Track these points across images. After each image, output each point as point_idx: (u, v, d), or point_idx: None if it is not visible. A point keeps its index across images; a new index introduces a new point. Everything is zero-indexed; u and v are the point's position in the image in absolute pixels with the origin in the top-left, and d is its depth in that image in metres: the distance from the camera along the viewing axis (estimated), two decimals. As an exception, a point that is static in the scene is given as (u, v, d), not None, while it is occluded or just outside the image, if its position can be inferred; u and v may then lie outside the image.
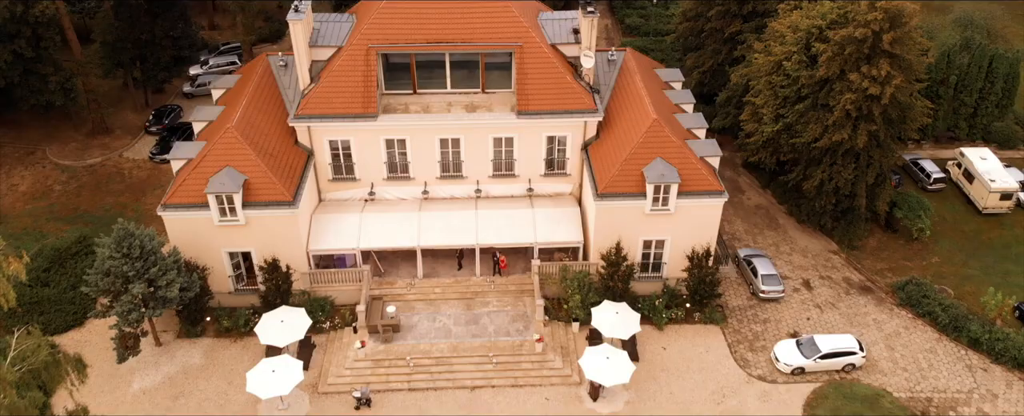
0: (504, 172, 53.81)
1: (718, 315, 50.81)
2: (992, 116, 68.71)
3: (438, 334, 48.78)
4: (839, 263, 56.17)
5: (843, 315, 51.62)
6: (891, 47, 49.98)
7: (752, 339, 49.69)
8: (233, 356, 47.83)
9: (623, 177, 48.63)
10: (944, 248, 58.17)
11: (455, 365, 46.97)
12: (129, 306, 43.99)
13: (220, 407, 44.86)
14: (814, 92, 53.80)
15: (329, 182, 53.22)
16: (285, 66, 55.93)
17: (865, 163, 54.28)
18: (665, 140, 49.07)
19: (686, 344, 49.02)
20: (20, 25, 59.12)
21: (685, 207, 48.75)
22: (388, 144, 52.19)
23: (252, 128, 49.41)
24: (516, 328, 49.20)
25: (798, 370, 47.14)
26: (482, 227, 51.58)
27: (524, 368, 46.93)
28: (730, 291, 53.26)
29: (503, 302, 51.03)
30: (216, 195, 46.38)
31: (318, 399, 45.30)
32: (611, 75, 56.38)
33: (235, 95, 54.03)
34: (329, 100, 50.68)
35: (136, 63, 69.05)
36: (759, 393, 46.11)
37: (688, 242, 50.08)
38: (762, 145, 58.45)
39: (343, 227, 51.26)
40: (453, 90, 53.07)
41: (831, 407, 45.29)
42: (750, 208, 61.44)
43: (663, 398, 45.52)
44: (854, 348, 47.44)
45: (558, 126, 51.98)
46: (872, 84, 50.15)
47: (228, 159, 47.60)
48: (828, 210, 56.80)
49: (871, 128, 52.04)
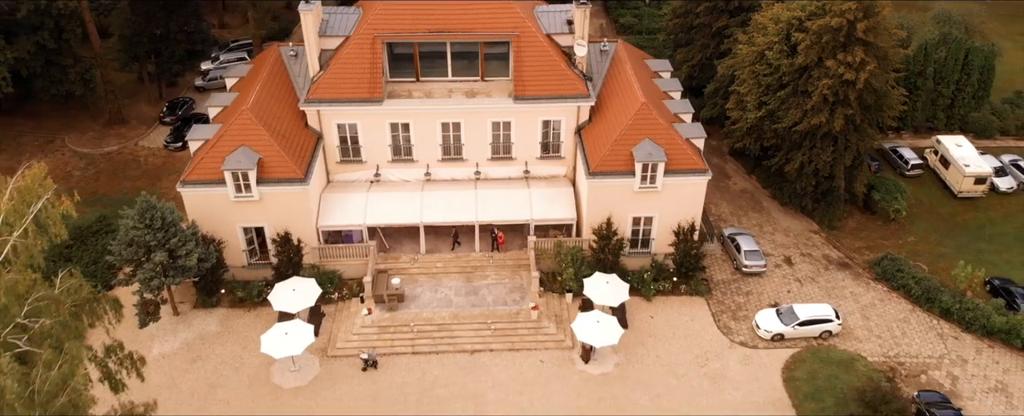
0: (502, 155, 56.93)
1: (703, 287, 53.89)
2: (969, 107, 71.99)
3: (440, 304, 51.86)
4: (819, 242, 59.30)
5: (822, 288, 54.68)
6: (865, 35, 53.27)
7: (735, 309, 52.76)
8: (247, 324, 50.85)
9: (614, 157, 51.80)
10: (920, 229, 61.29)
11: (456, 331, 50.02)
12: (150, 273, 47.11)
13: (235, 369, 47.88)
14: (794, 79, 57.03)
15: (337, 164, 56.35)
16: (295, 56, 59.19)
17: (842, 146, 57.44)
18: (653, 123, 52.27)
19: (672, 313, 52.09)
20: (44, 17, 62.46)
21: (671, 185, 51.91)
22: (393, 128, 55.36)
23: (265, 111, 52.62)
24: (513, 298, 52.29)
25: (778, 336, 50.19)
26: (481, 206, 54.70)
27: (520, 334, 49.97)
28: (715, 267, 56.35)
29: (501, 275, 54.11)
30: (232, 172, 49.56)
31: (327, 362, 48.34)
32: (603, 64, 59.58)
33: (248, 83, 57.25)
34: (337, 85, 53.88)
35: (151, 57, 72.30)
36: (740, 357, 49.14)
37: (674, 218, 53.19)
38: (746, 132, 61.68)
39: (350, 205, 54.39)
40: (454, 78, 56.24)
41: (808, 370, 48.32)
42: (736, 192, 64.61)
43: (650, 361, 48.56)
44: (831, 316, 50.51)
45: (553, 111, 55.15)
46: (847, 70, 53.41)
47: (243, 139, 50.80)
48: (808, 192, 59.95)
49: (847, 112, 55.24)
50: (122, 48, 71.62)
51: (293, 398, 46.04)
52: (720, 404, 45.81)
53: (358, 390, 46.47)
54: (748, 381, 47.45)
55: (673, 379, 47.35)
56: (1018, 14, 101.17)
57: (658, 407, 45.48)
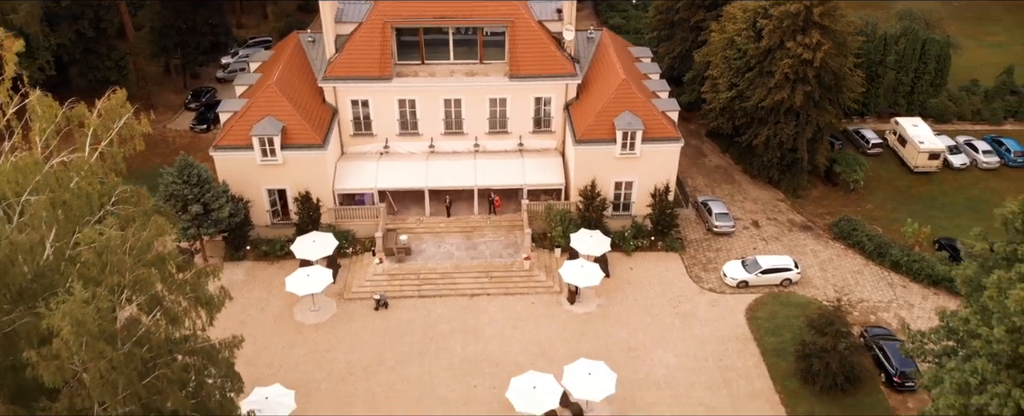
0: (499, 129, 63.39)
1: (677, 244, 60.21)
2: (927, 94, 78.62)
3: (442, 257, 58.16)
4: (785, 208, 65.71)
5: (785, 246, 60.99)
6: (821, 19, 60.02)
7: (705, 263, 59.06)
8: (272, 274, 57.09)
9: (598, 126, 58.29)
10: (878, 198, 67.68)
11: (457, 279, 56.29)
12: (186, 223, 53.46)
13: (262, 310, 54.07)
14: (760, 61, 63.68)
15: (350, 137, 62.79)
16: (313, 41, 65.87)
17: (804, 121, 63.96)
18: (632, 97, 58.82)
19: (650, 265, 58.38)
20: (84, 8, 69.23)
21: (648, 151, 58.35)
22: (400, 104, 61.86)
23: (288, 86, 59.19)
24: (508, 252, 58.59)
25: (743, 284, 56.45)
26: (480, 173, 61.12)
27: (514, 281, 56.23)
28: (689, 228, 62.69)
29: (497, 234, 60.46)
30: (259, 137, 56.05)
31: (343, 303, 54.57)
32: (590, 49, 66.25)
33: (271, 65, 63.88)
34: (352, 65, 60.47)
35: (178, 49, 79.04)
36: (709, 301, 55.38)
37: (651, 182, 59.56)
38: (719, 112, 68.31)
39: (363, 171, 60.84)
40: (455, 61, 62.74)
41: (769, 311, 54.54)
42: (711, 168, 71.10)
43: (629, 303, 54.78)
44: (790, 266, 56.80)
45: (544, 88, 61.70)
46: (805, 50, 60.08)
47: (269, 110, 57.32)
48: (775, 163, 66.42)
49: (806, 89, 61.83)
50: (152, 40, 78.39)
51: (313, 332, 52.24)
52: (689, 337, 51.98)
53: (371, 326, 52.69)
54: (715, 320, 53.65)
55: (648, 317, 53.56)
56: (984, 17, 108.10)
57: (634, 339, 51.65)
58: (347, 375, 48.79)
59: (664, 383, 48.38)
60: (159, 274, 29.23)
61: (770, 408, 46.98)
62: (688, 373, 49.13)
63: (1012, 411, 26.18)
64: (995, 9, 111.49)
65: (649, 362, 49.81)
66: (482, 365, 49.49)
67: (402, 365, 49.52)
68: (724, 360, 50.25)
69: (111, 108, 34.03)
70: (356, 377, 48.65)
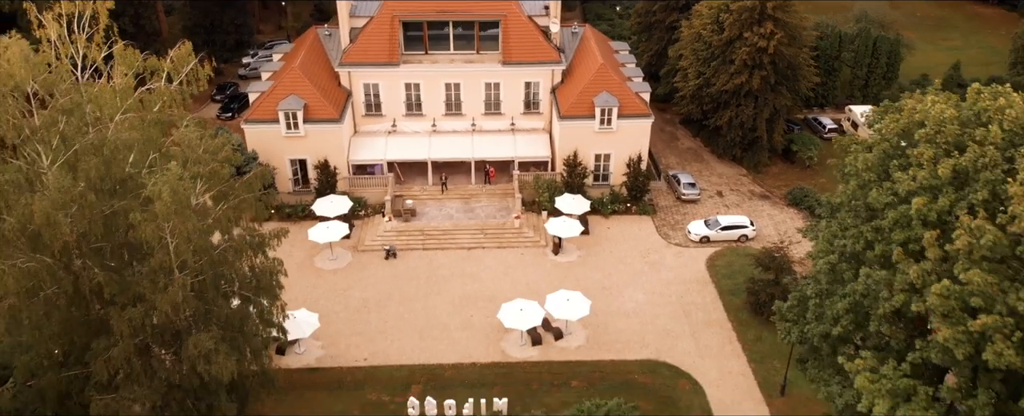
0: (493, 111, 72.06)
1: (650, 208, 68.68)
2: (880, 86, 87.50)
3: (443, 218, 66.58)
4: (747, 181, 74.30)
5: (745, 211, 69.41)
6: (774, 12, 69.01)
7: (673, 224, 67.52)
8: (295, 231, 64.46)
9: (579, 104, 66.98)
10: (830, 174, 74.64)
11: (456, 235, 64.67)
12: (223, 184, 61.89)
13: (286, 258, 60.92)
14: (722, 51, 72.54)
15: (362, 117, 71.43)
16: (329, 35, 74.78)
17: (762, 103, 72.72)
18: (609, 79, 67.57)
19: (624, 226, 66.82)
20: (125, 5, 78.05)
21: (623, 126, 66.97)
22: (407, 87, 70.56)
23: (309, 70, 67.99)
24: (501, 214, 67.07)
25: (705, 239, 64.83)
26: (477, 147, 69.72)
27: (506, 237, 64.61)
28: (660, 197, 71.16)
29: (491, 200, 68.94)
30: (285, 112, 64.69)
31: (358, 254, 62.90)
32: (574, 42, 75.19)
33: (293, 55, 72.73)
34: (365, 52, 69.27)
35: (206, 46, 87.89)
36: (675, 253, 63.75)
37: (626, 154, 68.14)
38: (690, 98, 77.09)
39: (374, 145, 69.46)
40: (455, 52, 71.56)
41: (726, 261, 62.87)
42: (682, 150, 79.79)
43: (606, 254, 63.15)
44: (747, 224, 65.26)
45: (533, 73, 70.44)
46: (761, 39, 69.00)
47: (293, 89, 66.03)
48: (737, 142, 75.10)
49: (762, 74, 70.66)
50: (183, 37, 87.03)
51: (332, 276, 60.55)
52: (656, 280, 60.27)
53: (381, 271, 61.00)
54: (679, 267, 61.99)
55: (622, 265, 61.89)
56: (942, 25, 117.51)
57: (609, 280, 59.95)
58: (362, 307, 57.07)
59: (633, 313, 56.63)
60: (228, 171, 37.78)
61: (723, 333, 55.15)
62: (654, 307, 57.39)
63: (862, 245, 34.59)
64: (955, 18, 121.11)
65: (621, 298, 58.09)
66: (477, 300, 57.72)
67: (409, 301, 57.79)
68: (685, 297, 58.53)
69: (181, 56, 42.83)
70: (369, 309, 56.91)
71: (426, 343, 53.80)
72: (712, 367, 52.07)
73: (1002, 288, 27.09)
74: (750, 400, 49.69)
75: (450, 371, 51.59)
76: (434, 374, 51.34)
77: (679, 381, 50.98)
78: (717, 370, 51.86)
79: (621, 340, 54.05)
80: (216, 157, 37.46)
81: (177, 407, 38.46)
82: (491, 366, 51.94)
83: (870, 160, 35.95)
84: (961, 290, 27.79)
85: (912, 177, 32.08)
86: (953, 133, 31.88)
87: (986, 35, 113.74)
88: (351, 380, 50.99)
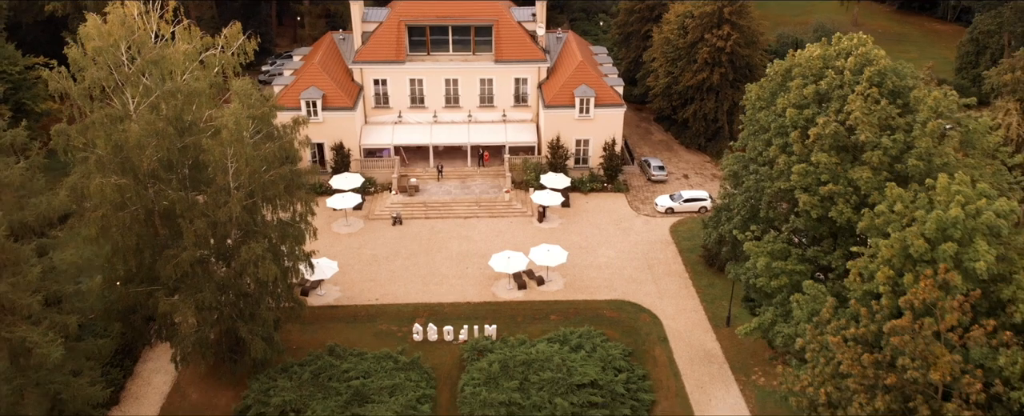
0: (487, 104, 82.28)
1: (623, 187, 78.59)
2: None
3: (443, 194, 76.48)
4: (710, 166, 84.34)
5: (707, 190, 79.31)
6: (730, 17, 79.60)
7: (644, 199, 77.41)
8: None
9: (561, 95, 77.22)
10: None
11: (454, 207, 74.51)
12: (254, 161, 71.80)
13: (307, 225, 72.08)
14: (687, 52, 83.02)
15: (372, 109, 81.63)
16: (343, 39, 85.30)
17: (723, 97, 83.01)
18: (588, 73, 77.91)
19: (601, 201, 76.71)
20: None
21: (600, 114, 77.15)
22: (411, 82, 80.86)
23: (327, 67, 78.35)
24: (493, 191, 76.97)
25: (669, 210, 74.64)
26: (473, 134, 79.86)
27: (497, 209, 74.43)
28: (633, 179, 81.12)
29: (485, 179, 78.88)
30: (306, 100, 74.87)
31: (369, 222, 72.71)
32: (558, 45, 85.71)
33: (311, 55, 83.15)
34: (374, 52, 79.68)
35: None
36: (643, 221, 73.53)
37: (602, 139, 78.21)
38: (660, 95, 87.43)
39: (382, 132, 79.61)
40: (453, 52, 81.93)
41: (688, 228, 72.57)
42: (655, 142, 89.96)
43: (584, 222, 72.95)
44: (706, 197, 75.13)
45: (522, 70, 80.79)
46: (719, 40, 79.49)
47: (312, 81, 76.30)
48: (702, 133, 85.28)
49: (722, 71, 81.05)
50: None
51: (347, 238, 70.28)
52: (625, 241, 69.99)
53: (389, 234, 70.76)
54: (646, 231, 71.76)
55: (596, 230, 71.66)
56: (901, 40, 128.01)
57: (585, 241, 69.67)
58: (373, 261, 66.73)
59: (604, 266, 66.29)
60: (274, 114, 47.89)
61: (681, 281, 64.74)
62: (622, 261, 67.05)
63: (755, 153, 45.05)
64: (913, 33, 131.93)
65: (594, 254, 67.77)
66: (472, 257, 67.38)
67: (413, 256, 67.47)
68: (650, 254, 68.23)
69: (232, 34, 53.18)
70: (379, 263, 66.57)
71: (428, 287, 63.38)
72: (669, 305, 61.62)
73: (843, 167, 37.01)
74: (700, 329, 59.18)
75: (448, 308, 61.07)
76: (435, 310, 60.81)
77: (641, 315, 60.48)
78: (674, 307, 61.41)
79: (593, 285, 63.65)
80: (266, 103, 47.49)
81: (229, 308, 48.02)
82: (483, 304, 61.44)
83: (761, 91, 46.20)
84: (814, 169, 37.78)
85: (787, 98, 42.35)
86: (817, 67, 42.09)
87: (941, 48, 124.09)
88: (365, 314, 60.48)
